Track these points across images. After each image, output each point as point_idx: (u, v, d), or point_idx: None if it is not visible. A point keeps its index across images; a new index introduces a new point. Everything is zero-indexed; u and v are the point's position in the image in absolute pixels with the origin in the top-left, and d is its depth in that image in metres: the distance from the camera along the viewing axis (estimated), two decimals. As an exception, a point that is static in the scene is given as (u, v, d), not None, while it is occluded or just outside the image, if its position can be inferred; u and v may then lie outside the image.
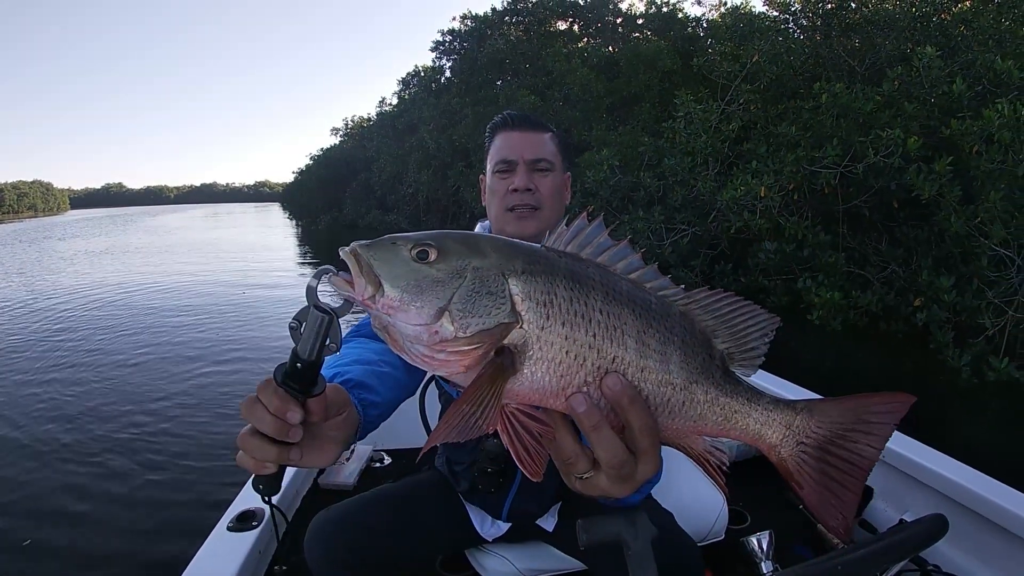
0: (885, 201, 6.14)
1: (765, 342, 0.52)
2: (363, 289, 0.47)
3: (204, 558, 1.23)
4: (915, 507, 1.59)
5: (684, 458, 1.46)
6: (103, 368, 5.37)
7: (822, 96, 6.05)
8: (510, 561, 1.26)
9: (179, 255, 17.38)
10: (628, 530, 0.71)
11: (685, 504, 1.30)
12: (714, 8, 10.91)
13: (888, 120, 5.76)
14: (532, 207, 1.12)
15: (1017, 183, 4.39)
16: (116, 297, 9.45)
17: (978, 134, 4.57)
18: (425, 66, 19.12)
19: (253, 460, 0.60)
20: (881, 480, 1.69)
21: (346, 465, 1.90)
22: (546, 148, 1.15)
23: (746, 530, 1.57)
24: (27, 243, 26.73)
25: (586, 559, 1.19)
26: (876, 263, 6.02)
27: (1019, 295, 4.39)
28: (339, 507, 1.17)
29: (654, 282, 0.51)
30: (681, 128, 7.06)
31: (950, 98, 5.31)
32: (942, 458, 1.58)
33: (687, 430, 0.52)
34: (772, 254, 6.05)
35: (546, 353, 0.47)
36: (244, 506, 1.41)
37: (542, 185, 1.13)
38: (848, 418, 0.51)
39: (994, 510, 1.36)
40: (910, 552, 0.78)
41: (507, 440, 0.48)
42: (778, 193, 5.97)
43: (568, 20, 14.62)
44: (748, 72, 7.35)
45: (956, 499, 1.46)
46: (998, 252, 4.49)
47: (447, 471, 1.28)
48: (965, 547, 1.43)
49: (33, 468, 3.41)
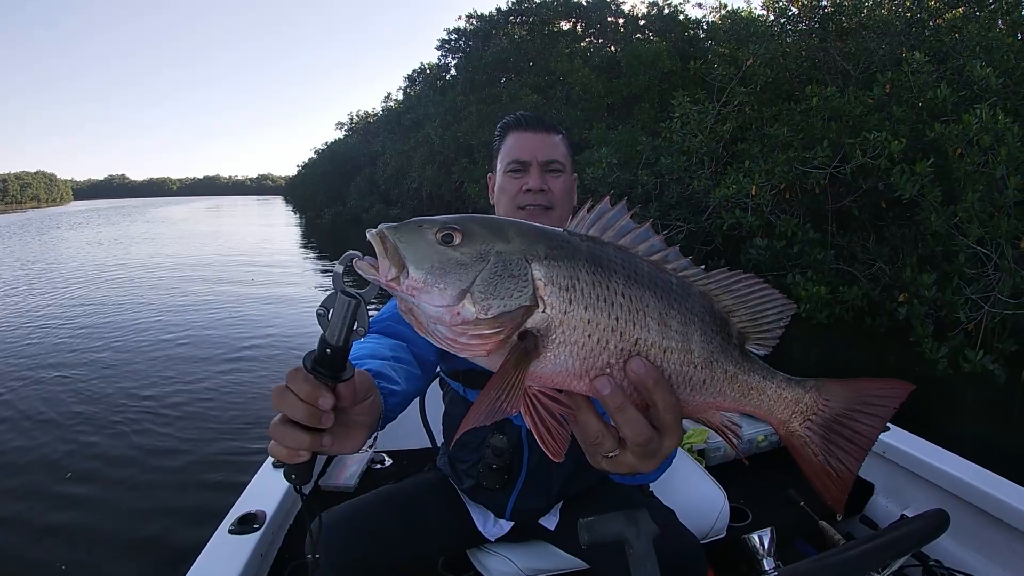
0: (873, 201, 6.36)
1: (781, 324, 0.54)
2: (387, 270, 0.48)
3: (205, 561, 1.23)
4: (917, 503, 1.60)
5: (686, 457, 1.59)
6: (105, 363, 5.29)
7: (813, 99, 6.27)
8: (512, 561, 1.25)
9: (187, 245, 17.54)
10: (630, 529, 0.71)
11: (687, 502, 1.31)
12: (714, 11, 11.08)
13: (877, 123, 5.96)
14: (545, 207, 1.14)
15: (995, 185, 4.60)
16: (122, 289, 9.38)
17: (959, 137, 4.78)
18: (431, 64, 19.38)
19: (286, 449, 0.60)
20: (883, 476, 1.70)
21: (347, 467, 1.87)
22: (558, 150, 1.18)
23: (748, 527, 1.56)
24: (36, 233, 26.91)
25: (588, 558, 1.18)
26: (864, 260, 6.24)
27: (995, 291, 4.60)
28: (340, 508, 1.17)
29: (675, 263, 0.52)
30: (677, 128, 7.28)
31: (935, 103, 5.52)
32: (943, 454, 1.59)
33: (707, 405, 0.54)
34: (763, 250, 6.27)
35: (569, 337, 0.48)
36: (245, 509, 1.39)
37: (554, 186, 1.15)
38: (852, 399, 0.54)
39: (995, 505, 1.37)
40: (912, 547, 0.78)
41: (529, 421, 0.49)
42: (770, 192, 6.19)
43: (571, 21, 14.83)
44: (744, 75, 7.56)
45: (957, 494, 1.46)
46: (976, 250, 4.71)
47: (449, 470, 1.28)
48: (966, 542, 1.43)
49: (30, 467, 3.36)
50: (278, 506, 1.43)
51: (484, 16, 16.34)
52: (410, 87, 20.96)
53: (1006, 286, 4.50)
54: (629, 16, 13.03)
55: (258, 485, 1.54)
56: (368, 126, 30.73)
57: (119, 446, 3.58)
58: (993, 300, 4.59)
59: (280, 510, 1.44)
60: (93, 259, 14.27)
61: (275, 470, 1.59)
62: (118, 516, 2.81)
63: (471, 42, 16.39)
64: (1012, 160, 4.50)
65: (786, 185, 6.33)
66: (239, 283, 9.95)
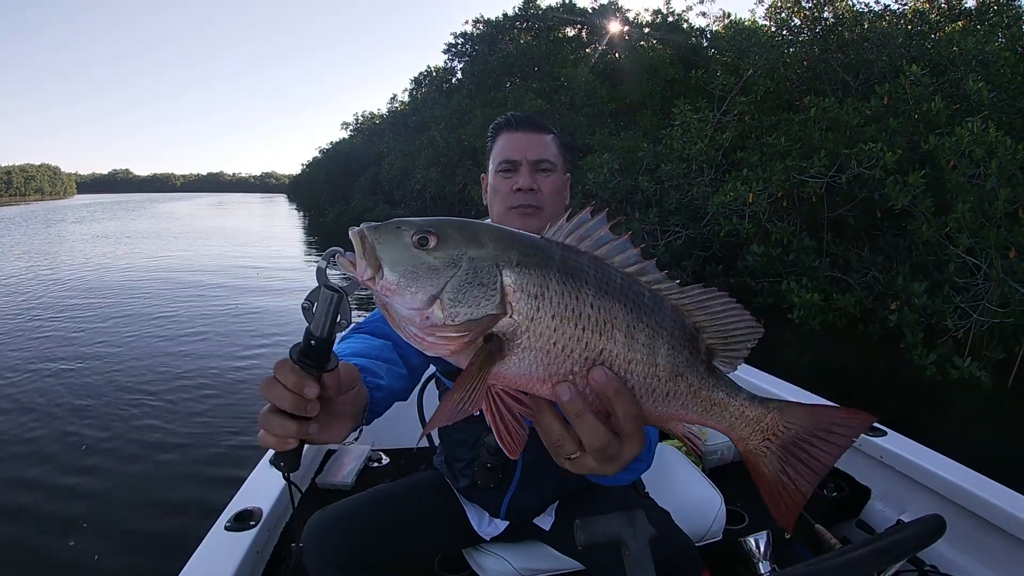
0: (869, 211, 6.48)
1: (748, 345, 0.54)
2: (363, 270, 0.49)
3: (201, 558, 1.22)
4: (913, 508, 1.60)
5: (682, 459, 1.61)
6: (103, 357, 5.26)
7: (811, 110, 6.40)
8: (508, 561, 1.26)
9: (191, 241, 17.62)
10: (626, 530, 0.71)
11: (683, 504, 1.32)
12: (718, 20, 11.22)
13: (874, 134, 6.09)
14: (535, 206, 1.14)
15: (986, 196, 4.72)
16: (119, 282, 9.38)
17: (952, 149, 4.90)
18: (437, 67, 19.59)
19: (274, 437, 0.63)
20: (879, 481, 1.71)
21: (344, 464, 1.87)
22: (549, 149, 1.18)
23: (744, 530, 1.57)
24: (43, 225, 27.02)
25: (584, 559, 1.18)
26: (858, 268, 6.34)
27: (984, 300, 4.71)
28: (337, 506, 1.18)
29: (650, 276, 0.52)
30: (678, 136, 7.42)
31: (930, 115, 5.64)
32: (940, 459, 1.59)
33: (670, 417, 0.54)
34: (759, 257, 6.41)
35: (534, 343, 0.49)
36: (242, 505, 1.40)
37: (544, 185, 1.15)
38: (813, 424, 0.54)
39: (991, 511, 1.37)
40: (908, 552, 0.79)
41: (490, 418, 0.51)
42: (767, 200, 6.31)
43: (577, 27, 15.01)
44: (744, 84, 7.69)
45: (954, 500, 1.46)
46: (965, 260, 4.83)
47: (446, 469, 1.30)
48: (963, 547, 1.43)
49: (25, 460, 3.35)
50: (275, 503, 1.43)
51: (491, 21, 16.52)
52: (416, 89, 21.18)
53: (995, 295, 4.61)
54: (634, 23, 13.19)
55: (255, 482, 1.53)
56: (373, 127, 30.95)
57: (115, 440, 3.56)
58: (982, 309, 4.70)
59: (277, 507, 1.44)
60: (101, 253, 14.37)
61: (272, 467, 1.58)
62: (114, 510, 2.80)
63: (478, 46, 16.56)
64: (1003, 172, 4.63)
65: (783, 193, 6.45)
66: (242, 280, 9.95)
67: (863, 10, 8.78)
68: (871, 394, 4.67)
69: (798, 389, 2.11)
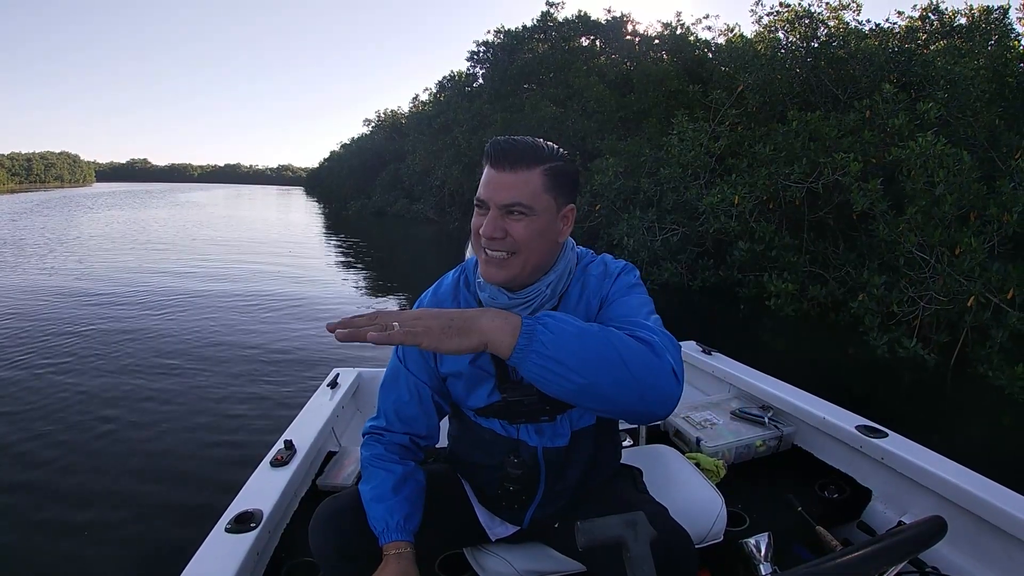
0: (845, 213, 7.22)
1: None
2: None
3: (201, 560, 1.22)
4: (914, 509, 1.59)
5: (683, 461, 1.62)
6: (103, 354, 5.06)
7: (793, 123, 7.20)
8: (509, 562, 1.25)
9: (217, 230, 17.64)
10: (628, 532, 0.71)
11: (684, 505, 1.30)
12: (723, 33, 11.93)
13: (849, 145, 6.82)
14: (504, 253, 1.01)
15: (935, 201, 5.51)
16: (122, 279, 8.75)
17: (911, 160, 5.69)
18: (460, 72, 20.54)
19: None
20: (880, 482, 1.70)
21: (345, 466, 1.82)
22: (526, 189, 0.99)
23: (745, 532, 1.55)
24: (68, 209, 26.82)
25: (585, 560, 1.17)
26: (834, 264, 7.08)
27: (931, 290, 5.50)
28: (344, 495, 1.17)
29: None
30: (676, 144, 8.21)
31: (895, 129, 6.43)
32: (941, 460, 1.57)
33: None
34: (745, 252, 7.10)
35: None
36: (242, 507, 1.39)
37: (514, 230, 0.99)
38: None
39: (993, 512, 1.36)
40: (909, 554, 0.78)
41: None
42: (752, 202, 7.11)
43: (590, 38, 15.75)
44: (737, 98, 8.48)
45: (955, 501, 1.45)
46: (915, 255, 5.62)
47: (469, 484, 1.30)
48: (964, 549, 1.42)
49: (21, 459, 3.26)
50: (275, 505, 1.43)
51: (511, 31, 17.28)
52: (440, 92, 22.15)
53: (938, 286, 5.40)
54: (643, 36, 13.89)
55: (255, 484, 1.52)
56: (396, 125, 31.81)
57: (114, 441, 3.48)
58: (929, 298, 5.48)
59: (277, 509, 1.45)
60: (132, 236, 14.58)
61: (273, 469, 1.59)
62: (112, 512, 2.74)
63: (499, 54, 17.30)
64: (949, 181, 5.41)
65: (768, 196, 7.25)
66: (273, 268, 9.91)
67: (856, 27, 9.47)
68: (836, 372, 5.30)
69: (778, 381, 2.20)
